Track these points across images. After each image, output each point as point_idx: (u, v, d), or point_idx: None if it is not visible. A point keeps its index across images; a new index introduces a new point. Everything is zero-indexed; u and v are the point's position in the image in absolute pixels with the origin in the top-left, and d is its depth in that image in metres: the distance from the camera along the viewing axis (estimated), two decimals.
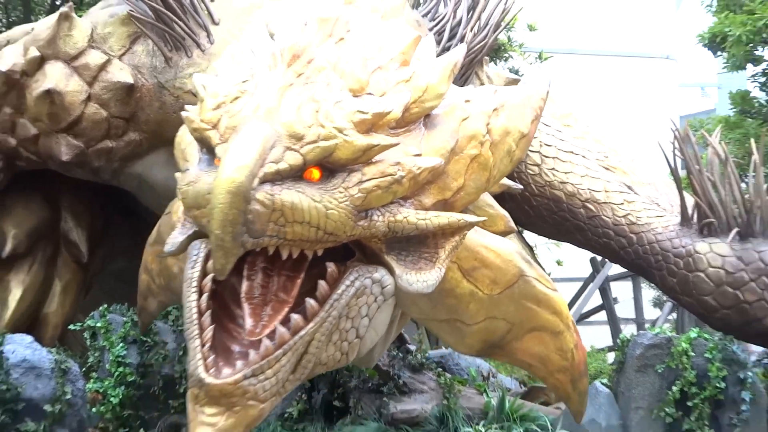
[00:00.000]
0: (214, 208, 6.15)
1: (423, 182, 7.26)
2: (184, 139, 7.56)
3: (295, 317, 6.62)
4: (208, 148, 6.68)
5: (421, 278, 7.22)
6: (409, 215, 7.10)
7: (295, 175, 6.53)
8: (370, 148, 6.85)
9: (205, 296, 6.68)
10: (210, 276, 6.85)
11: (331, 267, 6.93)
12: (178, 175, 7.40)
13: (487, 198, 8.45)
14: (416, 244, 7.40)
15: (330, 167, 6.71)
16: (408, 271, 7.20)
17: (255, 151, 6.27)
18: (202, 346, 6.45)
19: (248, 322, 6.66)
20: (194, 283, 6.93)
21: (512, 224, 8.83)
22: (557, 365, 8.85)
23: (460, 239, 7.53)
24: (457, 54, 7.80)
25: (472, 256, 7.98)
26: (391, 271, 7.18)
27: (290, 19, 8.04)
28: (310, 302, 6.71)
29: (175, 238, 7.13)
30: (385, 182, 6.91)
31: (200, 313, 6.65)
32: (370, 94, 7.23)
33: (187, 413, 6.46)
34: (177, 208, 8.12)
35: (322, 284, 6.82)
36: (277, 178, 6.35)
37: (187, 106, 7.16)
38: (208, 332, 6.51)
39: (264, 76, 7.09)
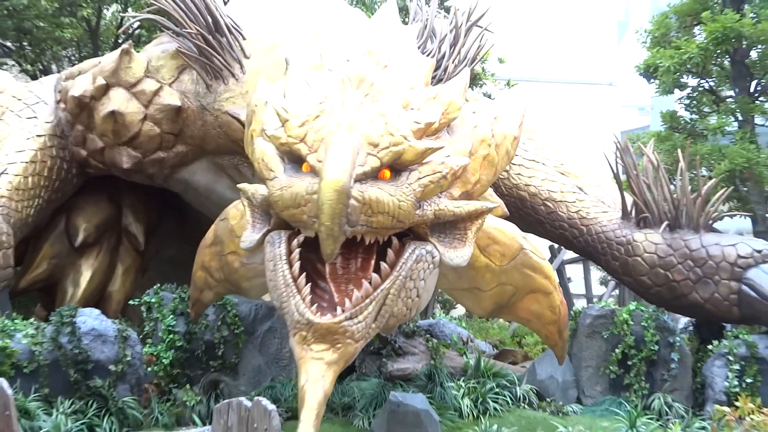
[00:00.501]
0: (323, 204, 6.56)
1: (456, 178, 7.58)
2: (265, 153, 7.56)
3: (375, 276, 7.11)
4: (296, 158, 7.19)
5: (458, 255, 7.61)
6: (449, 204, 7.47)
7: (374, 175, 6.98)
8: (426, 151, 7.26)
9: (296, 265, 7.14)
10: (295, 252, 7.36)
11: (395, 241, 7.36)
12: (243, 185, 8.04)
13: (489, 190, 8.68)
14: (451, 228, 7.71)
15: (397, 168, 7.17)
16: (448, 249, 7.59)
17: (349, 158, 6.68)
18: (303, 299, 6.96)
19: (335, 296, 7.19)
20: (284, 258, 7.30)
21: (506, 210, 9.27)
22: (548, 319, 9.17)
23: (482, 222, 7.81)
24: (466, 76, 8.33)
25: (486, 236, 8.25)
26: (437, 247, 7.62)
27: (339, 53, 8.33)
28: (384, 265, 7.18)
29: (251, 236, 7.76)
30: (436, 178, 7.35)
31: (294, 279, 7.12)
32: (413, 109, 7.62)
33: (294, 355, 7.15)
34: (233, 215, 8.87)
35: (391, 253, 7.26)
36: (363, 178, 6.82)
37: (266, 127, 7.74)
38: (307, 289, 7.01)
39: (337, 97, 7.47)
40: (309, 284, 7.12)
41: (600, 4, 24.23)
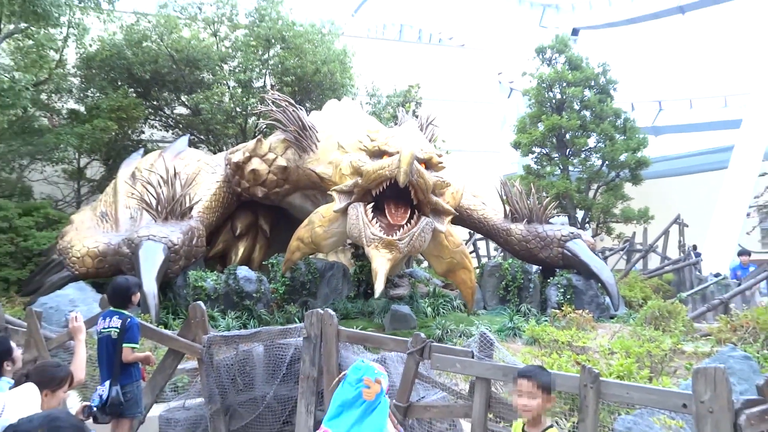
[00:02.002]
0: (405, 158, 6.94)
1: (446, 186, 8.10)
2: (351, 163, 7.93)
3: (410, 225, 7.47)
4: (379, 153, 7.64)
5: (442, 226, 8.08)
6: (441, 202, 8.02)
7: (421, 162, 7.32)
8: (440, 164, 7.88)
9: (370, 214, 7.55)
10: (369, 208, 7.64)
11: (416, 213, 7.65)
12: (336, 187, 8.21)
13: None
14: (440, 213, 8.15)
15: (428, 165, 7.62)
16: (438, 222, 8.02)
17: (416, 144, 7.23)
18: (376, 228, 7.38)
19: (392, 229, 7.41)
20: (363, 211, 7.62)
21: (456, 214, 9.26)
22: (469, 285, 9.16)
23: (450, 217, 8.31)
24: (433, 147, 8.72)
25: (449, 232, 8.52)
26: (433, 221, 7.84)
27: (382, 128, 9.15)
28: (412, 221, 7.56)
29: (339, 206, 8.04)
30: (443, 184, 7.94)
31: (369, 220, 7.49)
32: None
33: (370, 257, 7.39)
34: (322, 210, 8.73)
35: (416, 216, 7.61)
36: (417, 159, 7.17)
37: (362, 146, 8.00)
38: (377, 223, 7.46)
39: (397, 133, 7.84)
40: (378, 222, 7.57)
41: (492, 111, 24.03)
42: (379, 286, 7.12)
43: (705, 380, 2.52)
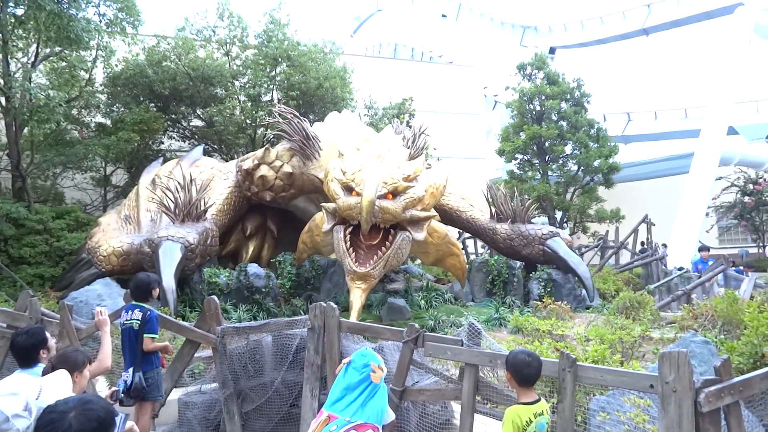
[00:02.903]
0: (364, 207, 6.84)
1: (419, 201, 7.63)
2: (336, 189, 7.70)
3: (384, 247, 7.23)
4: (349, 189, 7.43)
5: (419, 234, 7.71)
6: (417, 213, 7.65)
7: (385, 196, 7.11)
8: (407, 188, 7.47)
9: (348, 242, 7.38)
10: (347, 235, 7.40)
11: (392, 230, 7.41)
12: (325, 204, 7.93)
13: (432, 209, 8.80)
14: (418, 223, 7.78)
15: (395, 194, 7.38)
16: (416, 233, 7.68)
17: (375, 187, 6.93)
18: (351, 259, 7.24)
19: (366, 257, 7.34)
20: (342, 238, 7.47)
21: (437, 215, 9.05)
22: (459, 268, 9.31)
23: (429, 222, 8.04)
24: (422, 158, 8.38)
25: (431, 228, 8.39)
26: (411, 233, 7.60)
27: (366, 146, 8.33)
28: (387, 242, 7.37)
29: (326, 227, 7.93)
30: (411, 200, 7.50)
31: (347, 249, 7.25)
32: (400, 168, 7.64)
33: (347, 285, 7.25)
34: (318, 217, 8.68)
35: (391, 236, 7.38)
36: (380, 197, 7.04)
37: (335, 176, 7.72)
38: (353, 254, 7.32)
39: (369, 162, 7.55)
40: (354, 251, 7.37)
41: (478, 121, 24.02)
42: (353, 317, 7.02)
43: (669, 363, 2.55)
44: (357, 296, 7.25)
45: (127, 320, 4.27)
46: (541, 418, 2.67)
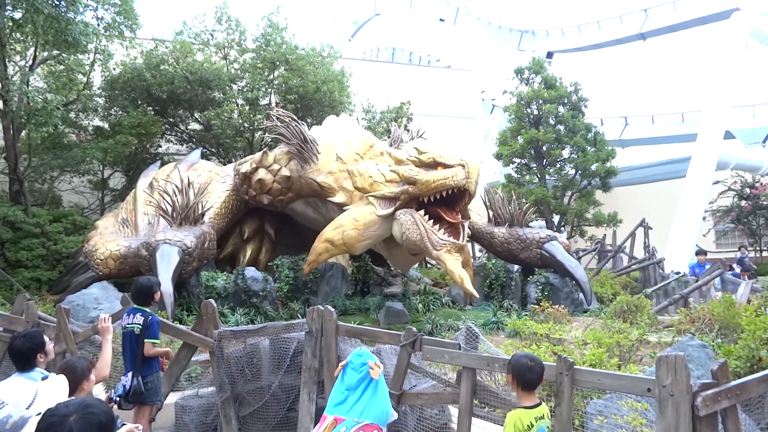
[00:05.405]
0: (475, 170, 7.07)
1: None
2: (405, 172, 7.64)
3: (460, 225, 7.38)
4: (433, 165, 7.38)
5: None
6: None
7: None
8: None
9: (429, 221, 7.28)
10: (421, 212, 7.32)
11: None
12: (378, 193, 8.08)
13: None
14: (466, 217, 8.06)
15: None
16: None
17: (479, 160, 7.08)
18: (440, 234, 7.14)
19: (452, 222, 7.29)
20: (420, 218, 7.26)
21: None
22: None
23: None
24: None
25: None
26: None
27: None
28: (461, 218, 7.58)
29: (383, 212, 7.69)
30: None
31: (431, 227, 7.11)
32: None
33: (441, 260, 7.05)
34: (356, 214, 8.25)
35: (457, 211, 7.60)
36: None
37: (410, 157, 7.75)
38: (439, 229, 7.14)
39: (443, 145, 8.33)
40: (439, 228, 7.26)
41: (476, 125, 24.01)
42: (471, 289, 7.05)
43: (667, 367, 2.55)
44: (457, 267, 7.06)
45: (128, 324, 4.27)
46: (542, 421, 2.69)
